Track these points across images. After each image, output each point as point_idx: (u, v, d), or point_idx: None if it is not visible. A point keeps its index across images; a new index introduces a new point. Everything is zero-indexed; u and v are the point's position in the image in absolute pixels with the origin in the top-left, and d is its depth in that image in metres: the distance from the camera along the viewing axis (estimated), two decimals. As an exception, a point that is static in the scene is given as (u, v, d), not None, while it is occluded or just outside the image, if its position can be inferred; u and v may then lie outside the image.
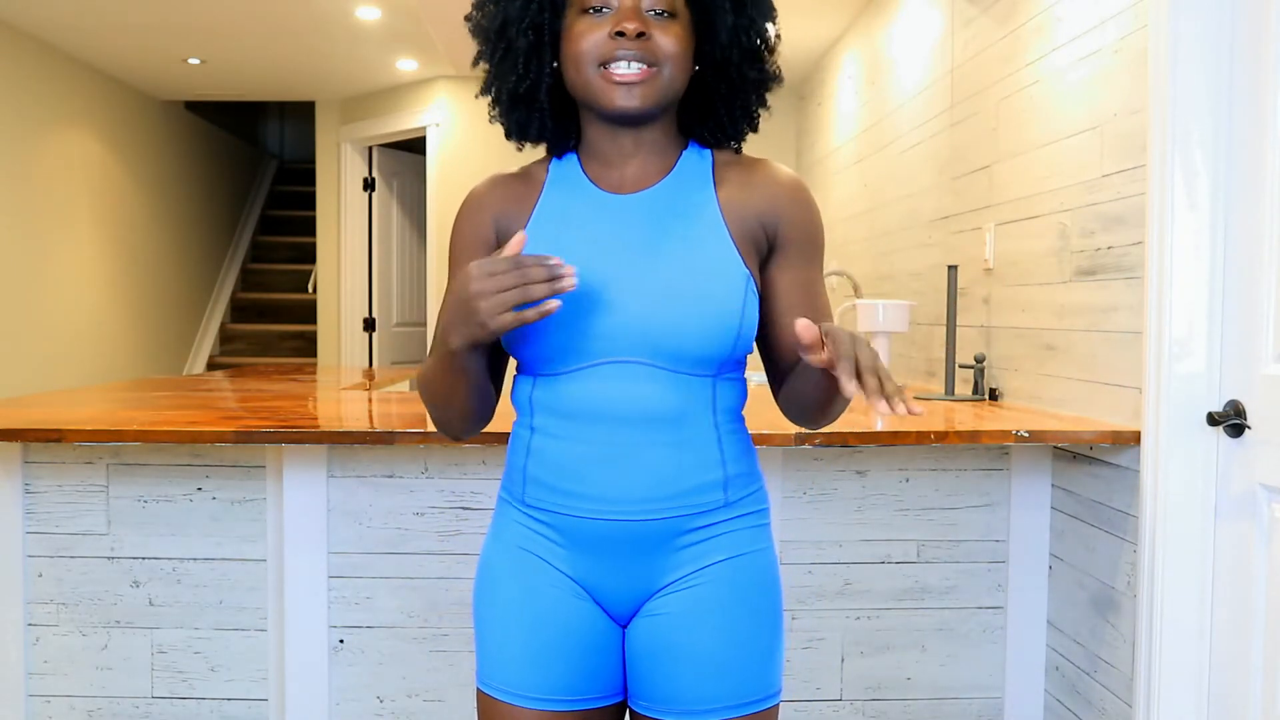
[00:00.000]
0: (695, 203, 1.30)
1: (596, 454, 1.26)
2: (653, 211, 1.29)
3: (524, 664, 1.29)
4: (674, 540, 1.28)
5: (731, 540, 1.30)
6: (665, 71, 1.25)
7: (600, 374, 1.25)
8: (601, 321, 1.24)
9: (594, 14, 1.25)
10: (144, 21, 5.15)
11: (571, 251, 1.27)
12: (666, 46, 1.25)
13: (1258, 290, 1.89)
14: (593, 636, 1.30)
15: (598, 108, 1.27)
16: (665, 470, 1.26)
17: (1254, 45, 1.90)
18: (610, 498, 1.26)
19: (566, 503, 1.28)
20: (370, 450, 2.43)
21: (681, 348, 1.24)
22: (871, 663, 2.51)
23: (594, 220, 1.30)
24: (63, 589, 2.49)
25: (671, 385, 1.25)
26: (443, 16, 4.81)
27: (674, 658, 1.28)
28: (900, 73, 3.80)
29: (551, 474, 1.29)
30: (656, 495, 1.26)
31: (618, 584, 1.30)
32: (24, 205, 5.45)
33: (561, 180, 1.34)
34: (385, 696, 2.48)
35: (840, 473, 2.48)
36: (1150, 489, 2.06)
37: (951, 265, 2.99)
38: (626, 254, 1.27)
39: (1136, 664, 2.10)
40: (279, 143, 10.21)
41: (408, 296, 7.32)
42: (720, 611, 1.28)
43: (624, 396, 1.25)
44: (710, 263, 1.26)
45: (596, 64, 1.25)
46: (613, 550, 1.28)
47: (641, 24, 1.23)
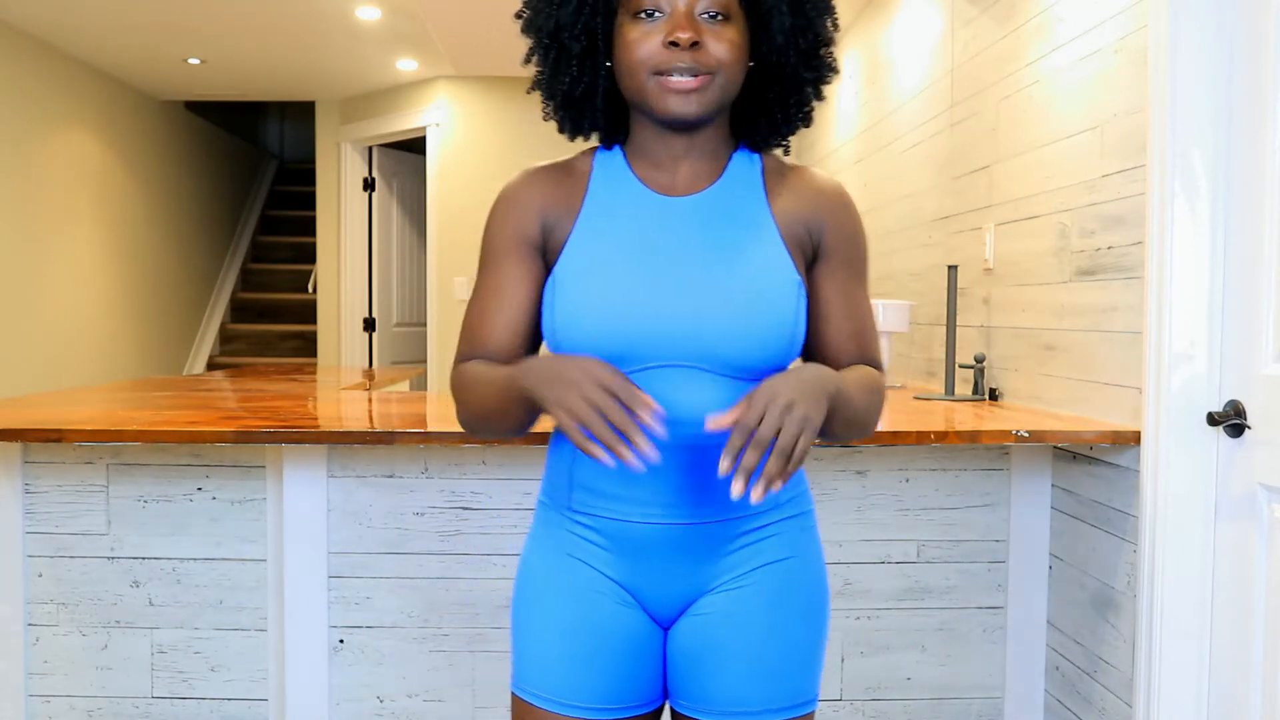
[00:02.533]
0: (748, 208, 1.29)
1: None
2: (706, 216, 1.28)
3: (564, 670, 1.27)
4: (724, 544, 1.27)
5: (780, 542, 1.30)
6: (719, 78, 1.23)
7: (650, 379, 1.23)
8: (654, 326, 1.23)
9: (646, 18, 1.22)
10: (144, 21, 5.15)
11: (623, 252, 1.26)
12: (720, 53, 1.22)
13: (1258, 290, 1.89)
14: (635, 643, 1.29)
15: (652, 114, 1.25)
16: (713, 474, 1.25)
17: (1254, 45, 1.90)
18: (660, 502, 1.25)
19: (615, 508, 1.26)
20: (370, 450, 2.43)
21: (735, 353, 1.23)
22: (871, 663, 2.51)
23: (646, 222, 1.27)
24: (63, 589, 2.49)
25: (723, 390, 1.24)
26: (443, 16, 4.81)
27: (718, 657, 1.27)
28: (900, 73, 3.80)
29: (599, 480, 1.27)
30: (706, 499, 1.25)
31: (664, 587, 1.28)
32: (24, 205, 5.45)
33: (609, 178, 1.31)
34: (385, 696, 2.48)
35: (840, 473, 2.48)
36: (1150, 489, 2.06)
37: (951, 265, 2.99)
38: (680, 258, 1.25)
39: (1136, 664, 2.10)
40: (279, 143, 10.21)
41: (408, 296, 7.32)
42: (767, 613, 1.27)
43: (675, 402, 1.23)
44: (764, 268, 1.25)
45: (650, 73, 1.22)
46: (661, 554, 1.27)
47: (695, 32, 1.20)
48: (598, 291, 1.24)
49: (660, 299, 1.23)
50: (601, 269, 1.25)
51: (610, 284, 1.24)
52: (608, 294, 1.24)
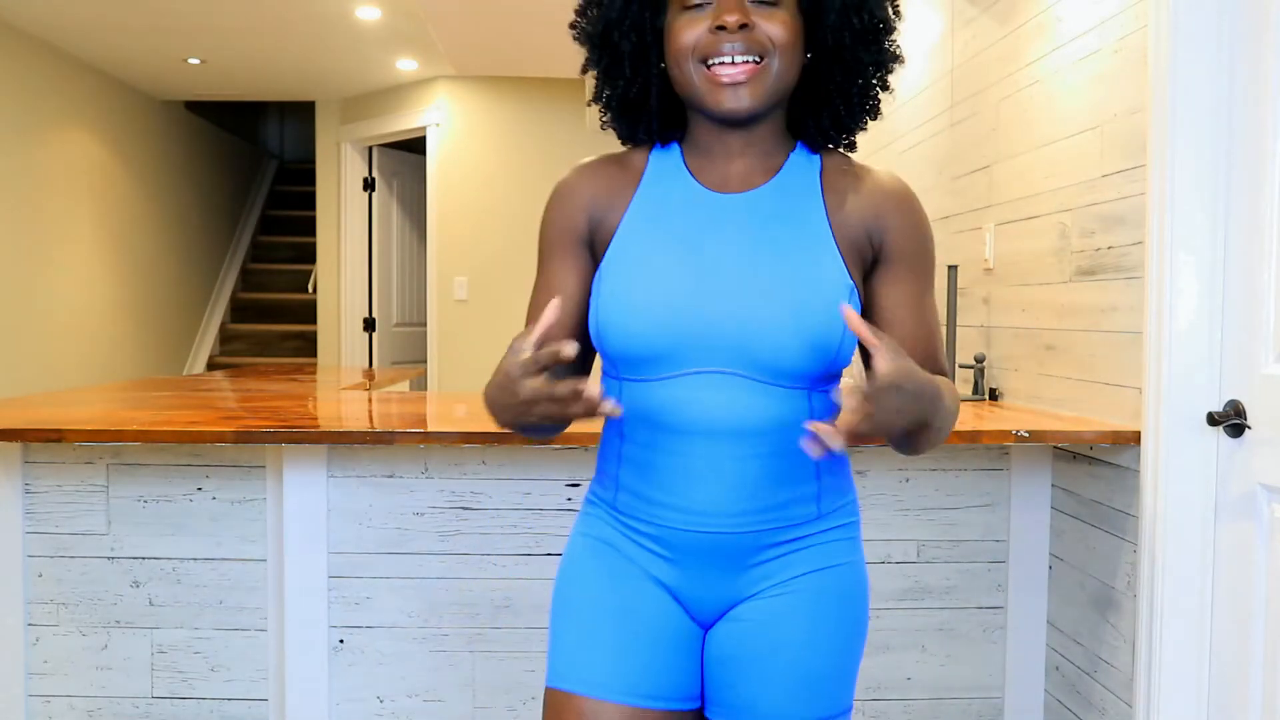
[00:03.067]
0: (802, 208, 1.24)
1: (688, 466, 1.22)
2: (757, 214, 1.23)
3: (609, 658, 1.24)
4: (765, 551, 1.25)
5: (822, 552, 1.27)
6: (774, 64, 1.18)
7: (692, 384, 1.20)
8: (696, 329, 1.19)
9: (695, 9, 1.19)
10: (144, 21, 5.15)
11: (669, 248, 1.22)
12: (774, 33, 1.18)
13: (1258, 290, 1.89)
14: (677, 635, 1.27)
15: (704, 109, 1.21)
16: (759, 483, 1.22)
17: (1254, 45, 1.90)
18: (702, 510, 1.23)
19: (658, 513, 1.25)
20: (370, 450, 2.43)
21: (779, 361, 1.18)
22: (871, 663, 2.51)
23: (693, 218, 1.24)
24: (63, 589, 2.49)
25: (767, 398, 1.20)
26: (443, 16, 4.81)
27: (754, 663, 1.25)
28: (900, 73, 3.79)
29: (643, 484, 1.25)
30: (749, 508, 1.23)
31: (705, 591, 1.27)
32: (24, 205, 5.45)
33: (662, 172, 1.27)
34: (385, 696, 2.48)
35: (840, 473, 2.48)
36: (1150, 489, 2.06)
37: (951, 265, 2.99)
38: (726, 258, 1.21)
39: (1136, 664, 2.10)
40: (279, 143, 10.21)
41: (408, 296, 7.32)
42: (805, 621, 1.25)
43: (717, 409, 1.19)
44: (814, 273, 1.20)
45: (699, 60, 1.19)
46: (702, 560, 1.25)
47: (743, 14, 1.16)
48: (640, 289, 1.21)
49: (703, 300, 1.19)
50: (644, 265, 1.22)
51: (652, 282, 1.21)
52: (649, 293, 1.20)
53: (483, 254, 6.11)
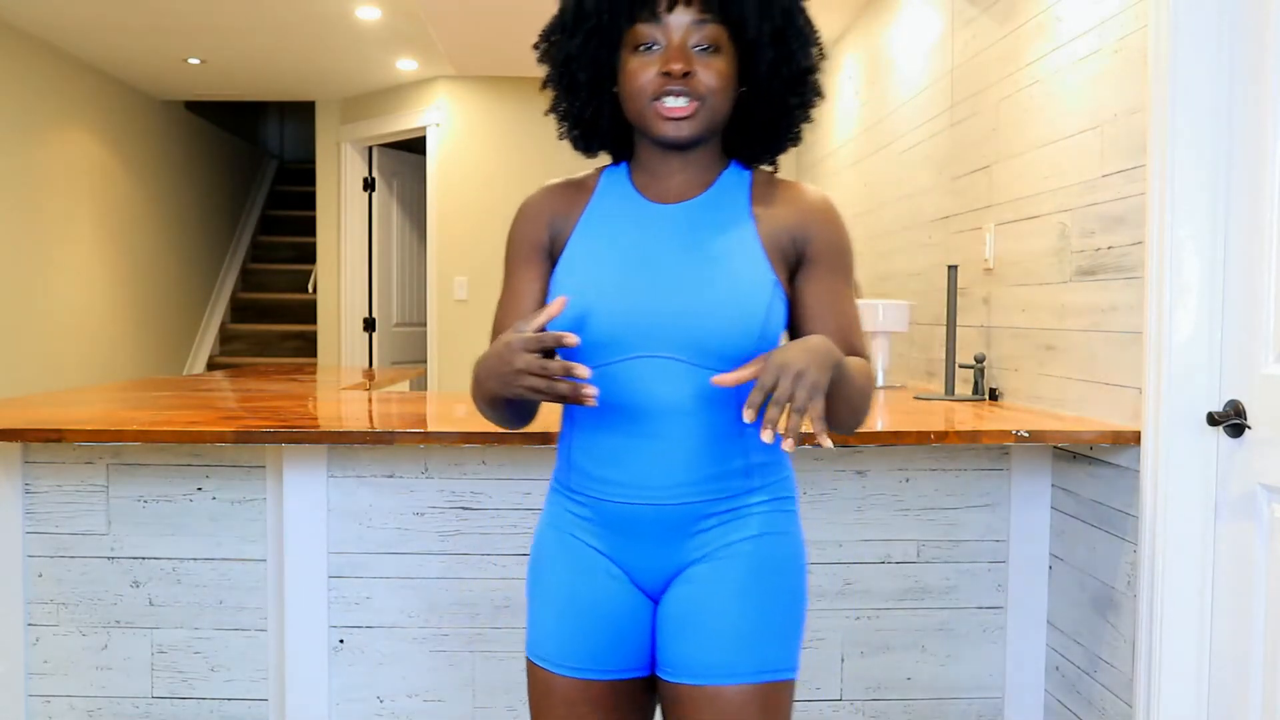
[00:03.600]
0: (731, 215, 1.41)
1: (631, 442, 1.37)
2: (691, 221, 1.41)
3: (563, 638, 1.41)
4: (701, 521, 1.39)
5: (757, 521, 1.40)
6: (709, 103, 1.36)
7: (636, 367, 1.36)
8: (639, 319, 1.36)
9: (645, 51, 1.36)
10: (144, 21, 5.15)
11: (614, 251, 1.40)
12: (710, 81, 1.35)
13: (1258, 290, 1.89)
14: (626, 612, 1.41)
15: (650, 136, 1.39)
16: (693, 457, 1.36)
17: (1254, 45, 1.90)
18: (643, 483, 1.37)
19: (603, 489, 1.40)
20: (370, 450, 2.43)
21: (709, 344, 1.34)
22: (871, 663, 2.51)
23: (637, 225, 1.41)
24: (63, 589, 2.49)
25: (700, 381, 1.35)
26: (443, 16, 4.81)
27: (696, 624, 1.37)
28: (900, 73, 3.80)
29: (590, 461, 1.40)
30: (685, 480, 1.37)
31: (649, 561, 1.41)
32: (24, 205, 5.45)
33: (611, 189, 1.46)
34: (385, 696, 2.48)
35: (840, 473, 2.48)
36: (1150, 489, 2.06)
37: (951, 265, 2.99)
38: (664, 258, 1.38)
39: (1136, 664, 2.10)
40: (279, 143, 10.21)
41: (408, 296, 7.32)
42: (740, 583, 1.38)
43: (657, 389, 1.35)
44: (740, 269, 1.37)
45: (648, 99, 1.36)
46: (645, 531, 1.39)
47: (686, 63, 1.33)
48: (587, 285, 1.37)
49: (643, 294, 1.36)
50: (592, 265, 1.39)
51: (598, 279, 1.38)
52: (596, 287, 1.37)
53: (483, 254, 6.11)
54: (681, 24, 1.35)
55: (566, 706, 1.41)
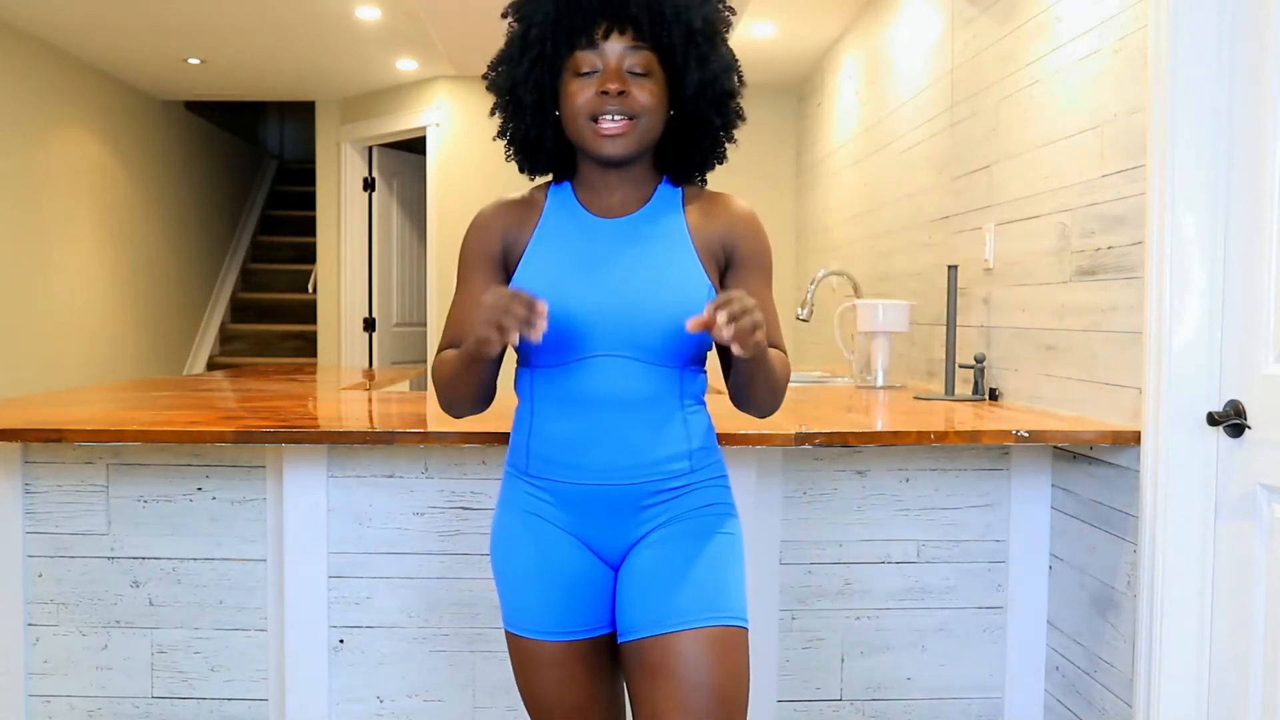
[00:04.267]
0: (668, 227, 1.59)
1: (586, 432, 1.55)
2: (633, 233, 1.58)
3: (541, 606, 1.58)
4: (650, 498, 1.57)
5: (697, 495, 1.59)
6: (643, 121, 1.53)
7: (591, 366, 1.54)
8: (592, 322, 1.53)
9: (585, 76, 1.53)
10: (144, 21, 5.15)
11: (567, 262, 1.56)
12: (643, 100, 1.52)
13: (1258, 290, 1.89)
14: (591, 577, 1.59)
15: (589, 154, 1.56)
16: (642, 444, 1.55)
17: (1254, 45, 1.90)
18: (598, 467, 1.55)
19: (563, 473, 1.57)
20: (370, 450, 2.43)
21: (655, 343, 1.53)
22: (871, 663, 2.51)
23: (585, 239, 1.58)
24: (63, 589, 2.49)
25: (647, 375, 1.54)
26: (443, 16, 4.81)
27: (653, 577, 1.54)
28: (900, 73, 3.80)
29: (550, 449, 1.57)
30: (635, 464, 1.55)
31: (607, 536, 1.59)
32: (24, 205, 5.45)
33: (558, 205, 1.62)
34: (385, 696, 2.48)
35: (840, 473, 2.48)
36: (1150, 489, 2.06)
37: (951, 265, 2.99)
38: (612, 267, 1.55)
39: (1136, 664, 2.10)
40: (279, 143, 10.21)
41: (408, 296, 7.32)
42: (690, 540, 1.56)
43: (610, 384, 1.54)
44: (679, 275, 1.55)
45: (587, 117, 1.52)
46: (601, 509, 1.57)
47: (622, 83, 1.51)
48: (546, 292, 1.52)
49: (596, 300, 1.53)
50: (549, 274, 1.56)
51: (555, 286, 1.54)
52: (554, 294, 1.52)
53: (483, 254, 6.10)
54: (616, 50, 1.52)
55: (552, 667, 1.58)
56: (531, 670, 1.61)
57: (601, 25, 1.51)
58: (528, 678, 1.62)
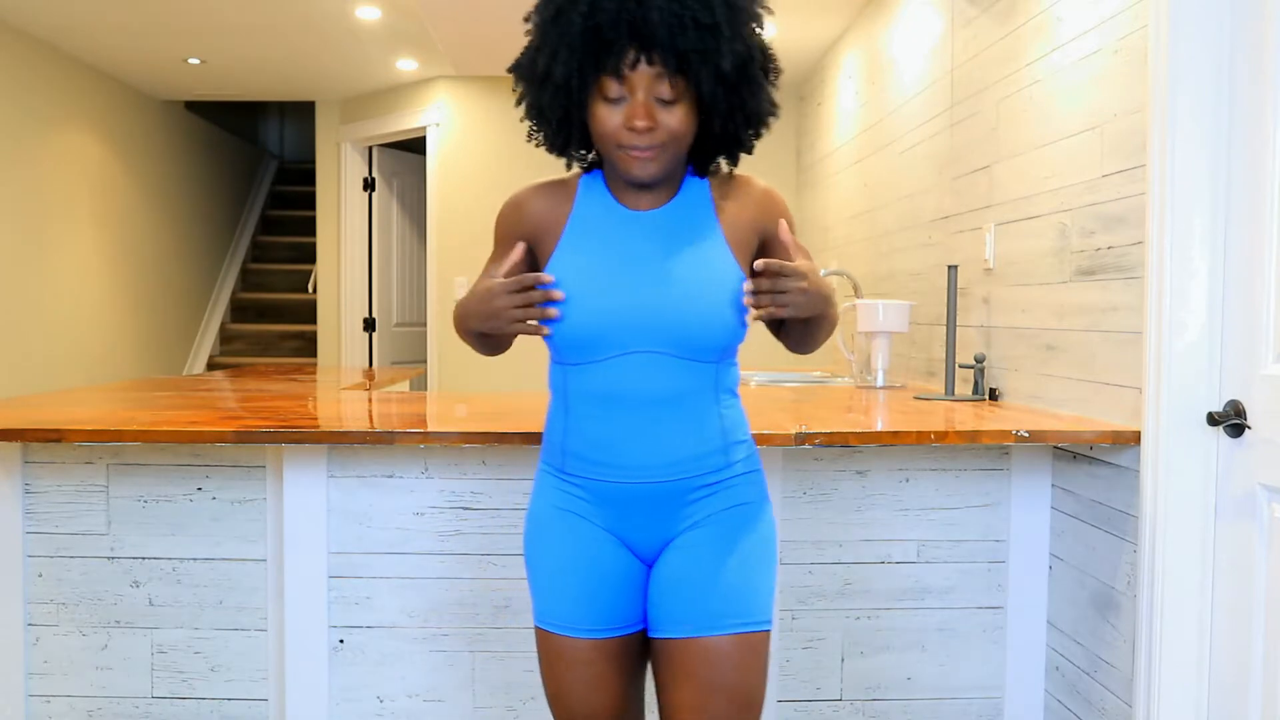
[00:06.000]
0: (700, 220, 1.59)
1: (622, 430, 1.54)
2: (666, 226, 1.58)
3: (575, 602, 1.58)
4: (687, 495, 1.57)
5: (733, 493, 1.60)
6: (670, 148, 1.51)
7: (626, 363, 1.53)
8: (628, 319, 1.52)
9: (614, 103, 1.49)
10: (144, 21, 5.15)
11: (601, 256, 1.55)
12: (672, 126, 1.49)
13: (1258, 290, 1.89)
14: (626, 575, 1.60)
15: (618, 176, 1.57)
16: (678, 440, 1.55)
17: (1254, 45, 1.90)
18: (635, 465, 1.55)
19: (600, 471, 1.57)
20: (370, 450, 2.43)
21: (693, 339, 1.52)
22: (871, 663, 2.51)
23: (618, 232, 1.58)
24: (63, 589, 2.49)
25: (684, 370, 1.54)
26: (443, 16, 4.81)
27: (684, 580, 1.55)
28: (900, 73, 3.80)
29: (586, 447, 1.57)
30: (672, 460, 1.55)
31: (643, 533, 1.59)
32: (24, 205, 5.45)
33: (590, 195, 1.62)
34: (385, 696, 2.48)
35: (840, 473, 2.48)
36: (1150, 489, 2.06)
37: (951, 265, 2.99)
38: (646, 261, 1.55)
39: (1136, 664, 2.10)
40: (279, 143, 10.21)
41: (408, 296, 7.32)
42: (722, 543, 1.57)
43: (646, 381, 1.53)
44: (714, 270, 1.55)
45: (614, 145, 1.51)
46: (638, 507, 1.57)
47: (649, 119, 1.47)
48: (580, 290, 1.53)
49: (631, 295, 1.52)
50: (583, 268, 1.55)
51: (590, 281, 1.53)
52: (588, 292, 1.53)
53: (483, 254, 6.09)
54: (644, 80, 1.47)
55: (581, 665, 1.58)
56: (560, 668, 1.60)
57: (629, 55, 1.46)
58: (556, 675, 1.61)
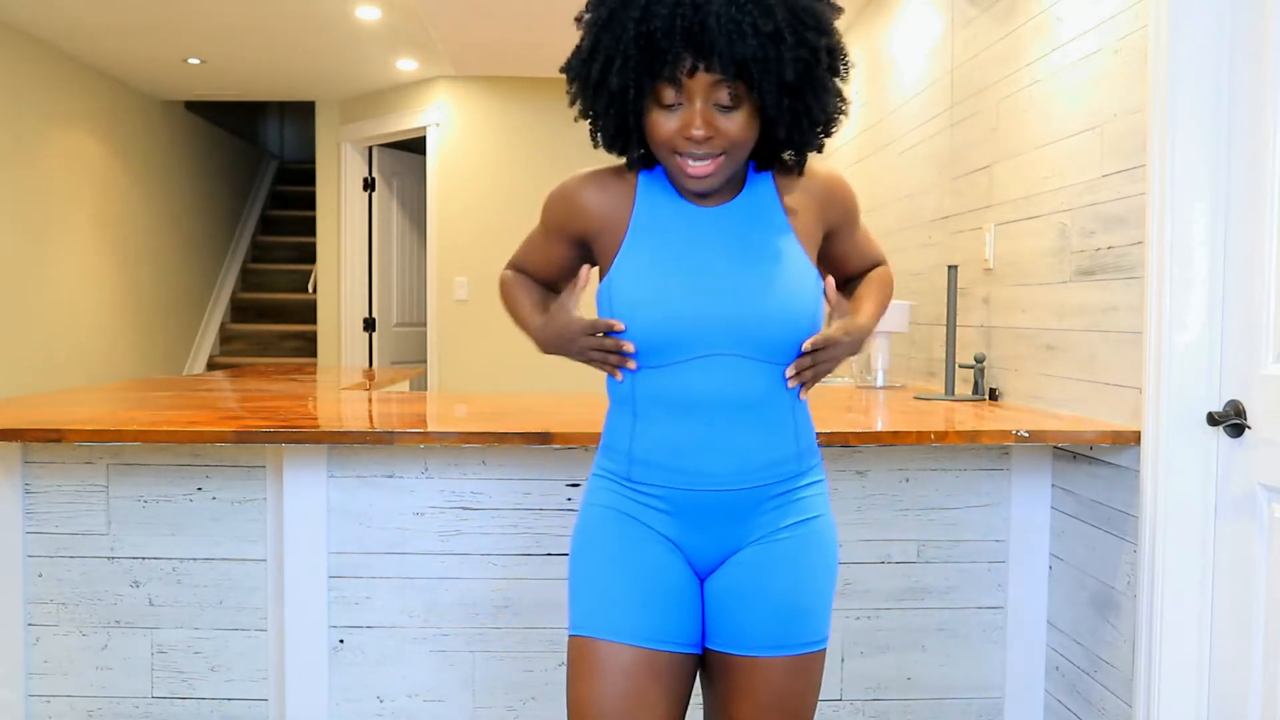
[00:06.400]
0: (768, 215, 1.52)
1: (696, 436, 1.48)
2: (734, 222, 1.51)
3: (626, 608, 1.48)
4: (759, 505, 1.51)
5: (804, 505, 1.54)
6: (731, 155, 1.44)
7: (699, 366, 1.47)
8: (701, 320, 1.46)
9: (670, 110, 1.42)
10: (144, 21, 5.15)
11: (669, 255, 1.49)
12: (731, 133, 1.41)
13: (1258, 290, 1.89)
14: (682, 587, 1.51)
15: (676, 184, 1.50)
16: (755, 445, 1.49)
17: (1254, 45, 1.90)
18: (709, 473, 1.48)
19: (671, 478, 1.50)
20: (370, 450, 2.43)
21: (769, 341, 1.47)
22: (871, 663, 2.51)
23: (686, 230, 1.50)
24: (63, 589, 2.49)
25: (759, 373, 1.48)
26: (443, 16, 4.81)
27: (749, 600, 1.50)
28: (900, 73, 3.80)
29: (657, 454, 1.50)
30: (747, 468, 1.49)
31: (707, 544, 1.52)
32: (24, 205, 5.45)
33: (652, 190, 1.53)
34: (385, 696, 2.48)
35: (840, 473, 2.48)
36: (1150, 489, 2.06)
37: (951, 265, 2.99)
38: (716, 260, 1.48)
39: (1136, 664, 2.10)
40: (279, 143, 10.21)
41: (408, 296, 7.32)
42: (790, 565, 1.51)
43: (720, 385, 1.47)
44: (789, 268, 1.49)
45: (671, 153, 1.44)
46: (708, 516, 1.50)
47: (708, 128, 1.40)
48: (650, 292, 1.47)
49: (702, 297, 1.46)
50: (650, 272, 1.48)
51: (659, 285, 1.47)
52: (657, 294, 1.47)
53: (483, 254, 6.11)
54: (703, 86, 1.39)
55: (623, 677, 1.45)
56: (599, 681, 1.45)
57: (685, 63, 1.37)
58: (592, 691, 1.45)
